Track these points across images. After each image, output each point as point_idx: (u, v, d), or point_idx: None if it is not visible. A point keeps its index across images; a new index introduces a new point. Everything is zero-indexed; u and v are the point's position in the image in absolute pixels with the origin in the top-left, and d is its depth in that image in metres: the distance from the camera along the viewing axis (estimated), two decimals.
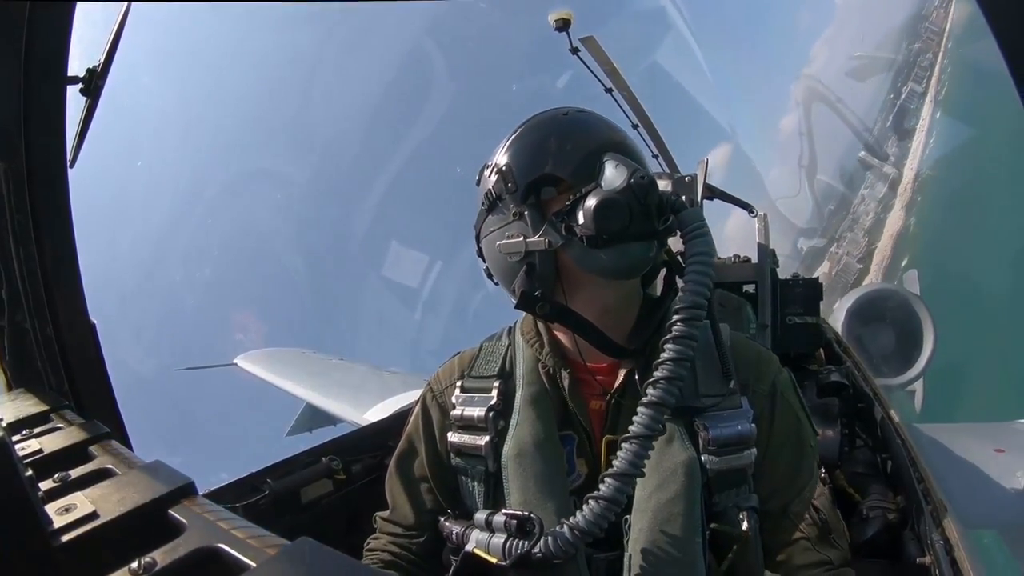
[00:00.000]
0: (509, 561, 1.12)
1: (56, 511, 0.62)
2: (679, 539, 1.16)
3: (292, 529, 2.18)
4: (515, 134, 1.28)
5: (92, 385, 1.41)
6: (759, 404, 1.25)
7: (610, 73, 3.83)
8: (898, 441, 2.89)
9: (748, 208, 3.75)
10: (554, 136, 1.23)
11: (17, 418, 1.04)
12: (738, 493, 1.21)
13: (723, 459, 1.18)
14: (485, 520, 1.19)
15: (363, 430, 2.89)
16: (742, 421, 1.20)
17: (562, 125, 1.25)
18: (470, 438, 1.30)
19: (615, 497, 1.05)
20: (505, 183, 1.22)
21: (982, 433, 5.03)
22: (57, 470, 0.76)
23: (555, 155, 1.21)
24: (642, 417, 1.06)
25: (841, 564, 1.31)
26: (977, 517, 3.89)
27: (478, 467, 1.30)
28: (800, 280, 3.94)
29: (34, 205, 1.28)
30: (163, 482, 0.71)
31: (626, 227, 1.12)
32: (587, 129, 1.25)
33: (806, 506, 1.29)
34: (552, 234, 1.18)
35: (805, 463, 1.30)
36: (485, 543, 1.17)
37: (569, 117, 1.27)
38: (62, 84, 1.32)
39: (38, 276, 1.30)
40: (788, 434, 1.27)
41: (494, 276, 1.34)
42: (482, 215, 1.31)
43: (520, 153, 1.24)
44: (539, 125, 1.27)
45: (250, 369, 11.72)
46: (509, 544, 1.12)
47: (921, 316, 8.96)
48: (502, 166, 1.24)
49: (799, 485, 1.28)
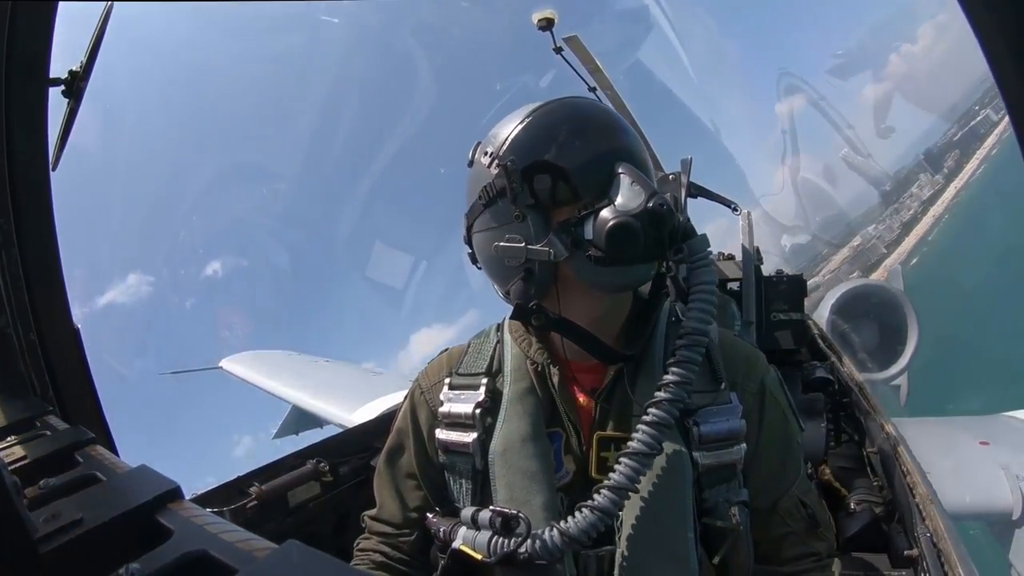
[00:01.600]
0: (494, 559, 1.12)
1: (42, 518, 0.62)
2: (670, 534, 1.17)
3: (280, 532, 2.18)
4: (522, 124, 1.21)
5: (76, 390, 1.39)
6: (748, 401, 1.26)
7: (594, 72, 3.84)
8: (883, 435, 2.92)
9: (732, 206, 3.76)
10: (565, 127, 1.18)
11: (1, 425, 1.03)
12: (728, 488, 1.23)
13: (713, 454, 1.20)
14: (471, 517, 1.19)
15: (350, 432, 2.89)
16: (732, 417, 1.21)
17: (575, 118, 1.20)
18: (458, 435, 1.30)
19: (608, 509, 1.07)
20: (509, 182, 1.17)
21: (967, 426, 5.10)
22: (42, 477, 0.75)
23: (562, 147, 1.16)
24: (643, 435, 1.09)
25: (828, 555, 1.32)
26: (963, 509, 3.95)
27: (465, 464, 1.30)
28: (784, 277, 3.97)
29: (17, 209, 1.27)
30: (149, 487, 0.71)
31: (637, 252, 1.11)
32: (601, 128, 1.21)
33: (795, 502, 1.30)
34: (556, 245, 1.16)
35: (792, 459, 1.32)
36: (471, 540, 1.17)
37: (582, 111, 1.22)
38: (44, 86, 1.30)
39: (21, 281, 1.28)
40: (776, 431, 1.29)
41: (486, 272, 1.33)
42: (477, 208, 1.26)
43: (527, 147, 1.18)
44: (549, 114, 1.21)
45: (235, 372, 11.63)
46: (494, 541, 1.12)
47: (905, 311, 9.05)
48: (507, 161, 1.17)
49: (788, 481, 1.30)
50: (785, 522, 1.29)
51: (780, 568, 1.29)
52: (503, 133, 1.23)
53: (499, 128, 1.25)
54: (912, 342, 9.01)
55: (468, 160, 1.30)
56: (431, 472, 1.39)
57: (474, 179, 1.28)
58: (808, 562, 1.29)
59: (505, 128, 1.23)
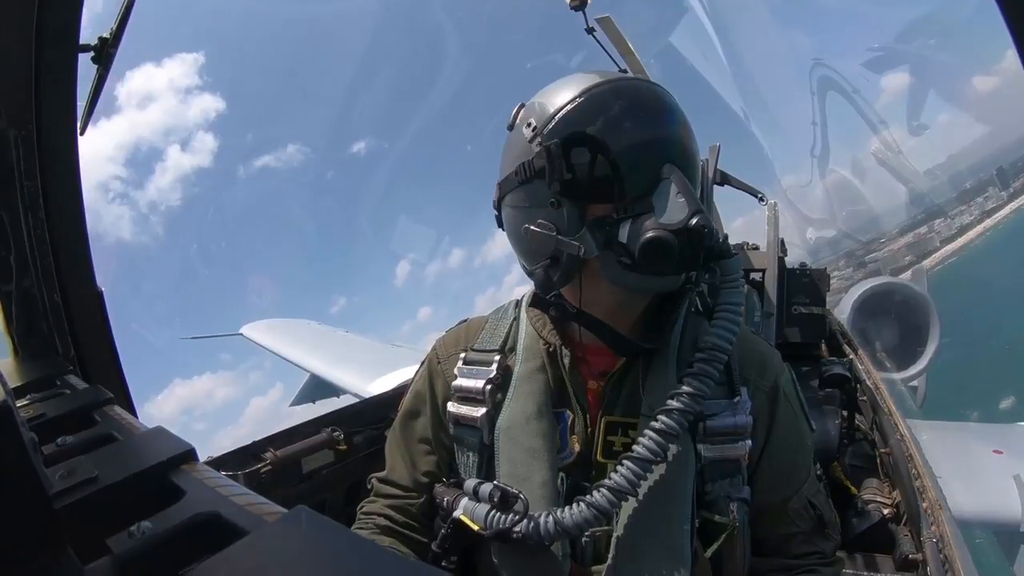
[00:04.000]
0: (489, 532, 1.16)
1: (58, 475, 0.64)
2: (667, 523, 1.18)
3: (292, 498, 2.22)
4: (573, 103, 1.15)
5: (97, 351, 1.42)
6: (759, 399, 1.26)
7: (625, 54, 3.77)
8: (897, 436, 2.89)
9: (758, 195, 3.71)
10: (618, 108, 1.13)
11: (22, 382, 1.06)
12: (731, 484, 1.23)
13: (717, 448, 1.20)
14: (474, 489, 1.22)
15: (366, 402, 2.92)
16: (739, 412, 1.21)
17: (633, 101, 1.15)
18: (468, 409, 1.32)
19: (605, 509, 1.10)
20: (551, 167, 1.13)
21: (982, 433, 5.04)
22: (60, 434, 0.78)
23: (611, 128, 1.11)
24: (649, 440, 1.10)
25: (832, 554, 1.33)
26: (971, 516, 3.91)
27: (473, 437, 1.32)
28: (808, 270, 3.92)
29: (44, 172, 1.29)
30: (164, 448, 0.72)
31: (669, 267, 1.10)
32: (656, 112, 1.17)
33: (804, 502, 1.30)
34: (588, 242, 1.14)
35: (803, 460, 1.33)
36: (471, 511, 1.21)
37: (642, 95, 1.17)
38: (74, 52, 1.32)
39: (47, 243, 1.31)
40: (788, 431, 1.29)
41: (512, 245, 1.32)
42: (511, 181, 1.22)
43: (575, 128, 1.13)
44: (605, 95, 1.15)
45: (255, 339, 11.80)
46: (492, 515, 1.17)
47: (928, 313, 8.91)
48: (551, 143, 1.13)
49: (798, 481, 1.31)
50: (794, 522, 1.30)
51: (785, 560, 1.30)
52: (551, 105, 1.17)
53: (548, 97, 1.20)
54: (933, 344, 8.88)
55: (508, 123, 1.27)
56: (444, 439, 1.41)
57: (512, 148, 1.24)
58: (813, 559, 1.29)
59: (554, 99, 1.18)
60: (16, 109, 1.24)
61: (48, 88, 1.28)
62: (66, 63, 1.31)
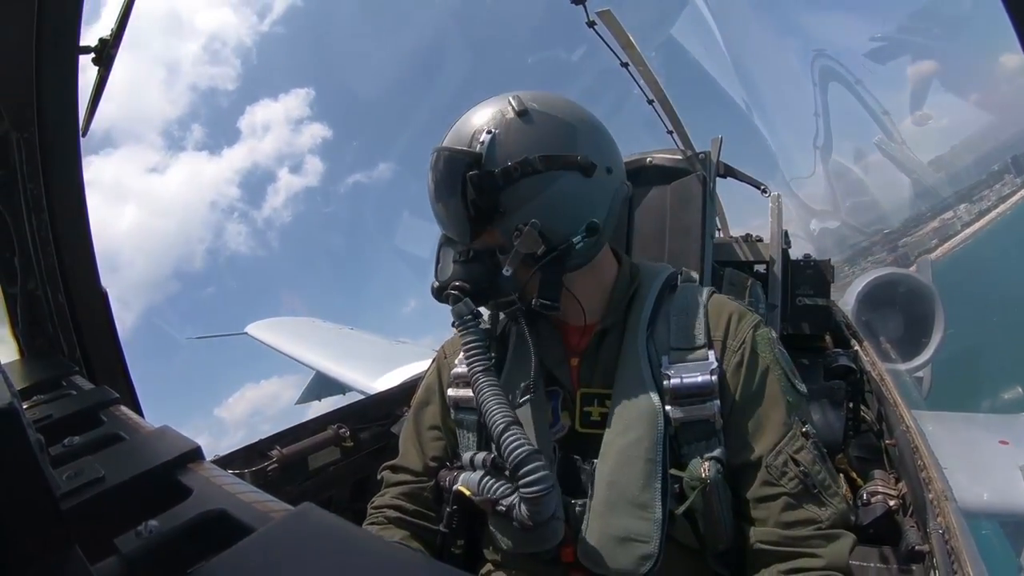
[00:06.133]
0: (478, 498, 1.27)
1: (65, 475, 0.64)
2: (636, 482, 1.24)
3: (299, 495, 2.23)
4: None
5: (103, 352, 1.43)
6: (729, 358, 1.32)
7: (626, 47, 3.75)
8: (903, 427, 2.88)
9: (762, 187, 3.69)
10: None
11: (28, 384, 1.06)
12: (707, 446, 1.27)
13: (686, 409, 1.26)
14: (471, 459, 1.32)
15: (372, 399, 2.91)
16: (704, 372, 1.26)
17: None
18: (465, 391, 1.41)
19: (543, 478, 1.15)
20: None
21: (987, 424, 5.02)
22: (67, 435, 0.78)
23: None
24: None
25: (835, 525, 1.26)
26: (977, 507, 3.90)
27: (471, 417, 1.43)
28: (812, 261, 3.90)
29: (47, 174, 1.29)
30: (170, 447, 0.73)
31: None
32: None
33: (784, 459, 1.26)
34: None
35: (777, 415, 1.30)
36: (467, 480, 1.30)
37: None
38: (75, 53, 1.32)
39: (51, 244, 1.31)
40: (757, 385, 1.32)
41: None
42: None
43: None
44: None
45: (261, 338, 11.82)
46: (483, 482, 1.25)
47: (933, 303, 8.87)
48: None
49: (773, 437, 1.29)
50: (776, 482, 1.25)
51: (781, 532, 1.24)
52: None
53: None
54: (938, 334, 8.84)
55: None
56: (450, 424, 1.51)
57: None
58: (808, 530, 1.23)
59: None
60: (18, 111, 1.24)
61: (49, 90, 1.28)
62: (67, 65, 1.31)
